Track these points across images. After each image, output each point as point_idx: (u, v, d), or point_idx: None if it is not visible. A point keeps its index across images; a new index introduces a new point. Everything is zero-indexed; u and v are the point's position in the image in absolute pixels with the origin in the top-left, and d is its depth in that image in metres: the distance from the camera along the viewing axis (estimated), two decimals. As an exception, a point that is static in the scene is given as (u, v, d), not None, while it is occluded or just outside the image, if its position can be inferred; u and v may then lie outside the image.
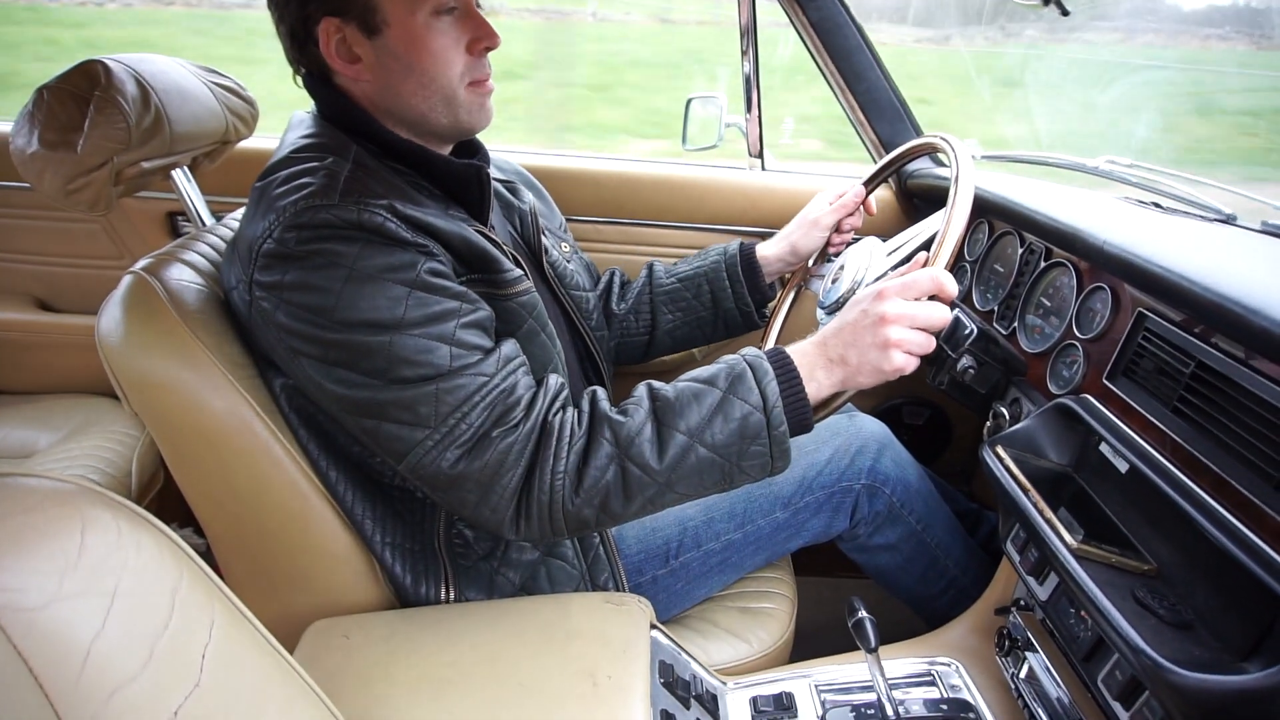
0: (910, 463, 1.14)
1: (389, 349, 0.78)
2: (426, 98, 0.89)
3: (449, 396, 0.79)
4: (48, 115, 0.92)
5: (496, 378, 0.81)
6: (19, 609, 0.35)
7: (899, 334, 0.82)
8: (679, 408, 0.83)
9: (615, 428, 0.82)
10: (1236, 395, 0.71)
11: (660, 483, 0.82)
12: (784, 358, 0.86)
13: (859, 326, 0.84)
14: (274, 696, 0.48)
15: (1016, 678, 0.96)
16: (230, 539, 0.96)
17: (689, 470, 0.82)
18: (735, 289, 1.24)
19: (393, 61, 0.87)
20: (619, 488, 0.81)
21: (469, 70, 0.90)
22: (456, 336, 0.80)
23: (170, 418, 0.89)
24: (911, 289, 0.84)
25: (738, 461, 0.83)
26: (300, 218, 0.79)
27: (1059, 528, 0.78)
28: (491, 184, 0.98)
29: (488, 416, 0.80)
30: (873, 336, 0.83)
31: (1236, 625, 0.66)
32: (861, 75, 1.49)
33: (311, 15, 0.85)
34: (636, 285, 1.31)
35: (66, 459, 1.45)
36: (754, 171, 1.65)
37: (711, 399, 0.83)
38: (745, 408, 0.82)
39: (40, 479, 0.42)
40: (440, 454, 0.80)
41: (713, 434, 0.82)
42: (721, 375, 0.85)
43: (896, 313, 0.82)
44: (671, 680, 0.87)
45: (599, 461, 0.81)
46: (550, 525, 0.83)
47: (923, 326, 0.83)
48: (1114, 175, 1.26)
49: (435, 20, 0.86)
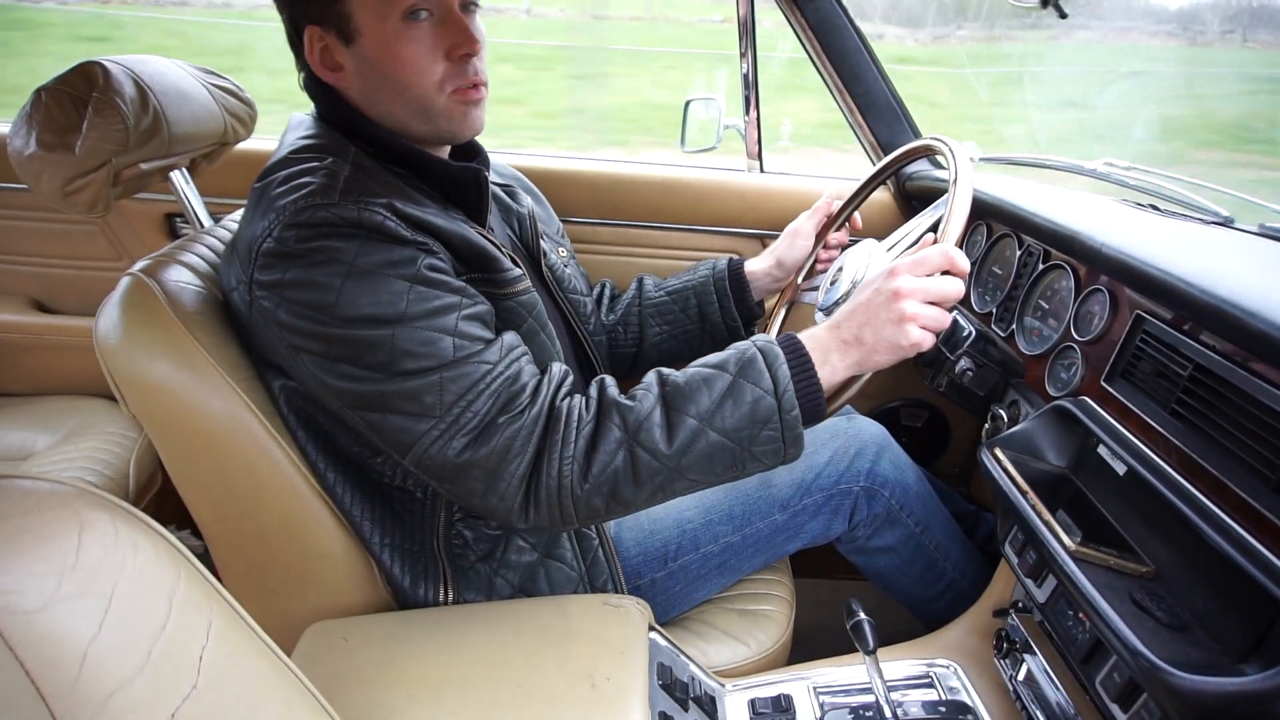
0: (909, 465, 1.14)
1: (391, 342, 0.78)
2: (403, 106, 0.88)
3: (453, 385, 0.79)
4: (46, 117, 0.91)
5: (500, 365, 0.81)
6: (16, 611, 0.35)
7: (914, 308, 0.82)
8: (689, 392, 0.82)
9: (624, 412, 0.82)
10: (1234, 398, 0.71)
11: (670, 468, 0.81)
12: (796, 342, 0.85)
13: (872, 304, 0.84)
14: (272, 699, 0.48)
15: (1015, 680, 0.96)
16: (228, 541, 0.96)
17: (699, 455, 0.81)
18: (723, 304, 1.25)
19: (369, 70, 0.87)
20: (628, 473, 0.81)
21: (450, 78, 0.88)
22: (458, 328, 0.80)
23: (168, 419, 0.89)
24: (923, 265, 0.84)
25: (749, 447, 0.82)
26: (300, 216, 0.79)
27: (1057, 530, 0.78)
28: (489, 187, 0.98)
29: (493, 404, 0.80)
30: (887, 312, 0.82)
31: (1234, 627, 0.66)
32: (859, 77, 1.49)
33: (298, 23, 0.86)
34: (626, 298, 1.31)
35: (64, 461, 1.44)
36: (752, 173, 1.66)
37: (722, 383, 0.82)
38: (756, 391, 0.81)
39: (38, 481, 0.42)
40: (447, 443, 0.79)
41: (723, 418, 0.81)
42: (732, 360, 0.84)
43: (910, 287, 0.82)
44: (670, 682, 0.87)
45: (608, 446, 0.80)
46: (560, 513, 0.82)
47: (936, 300, 0.83)
48: (1112, 178, 1.26)
49: (407, 27, 0.85)
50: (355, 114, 0.89)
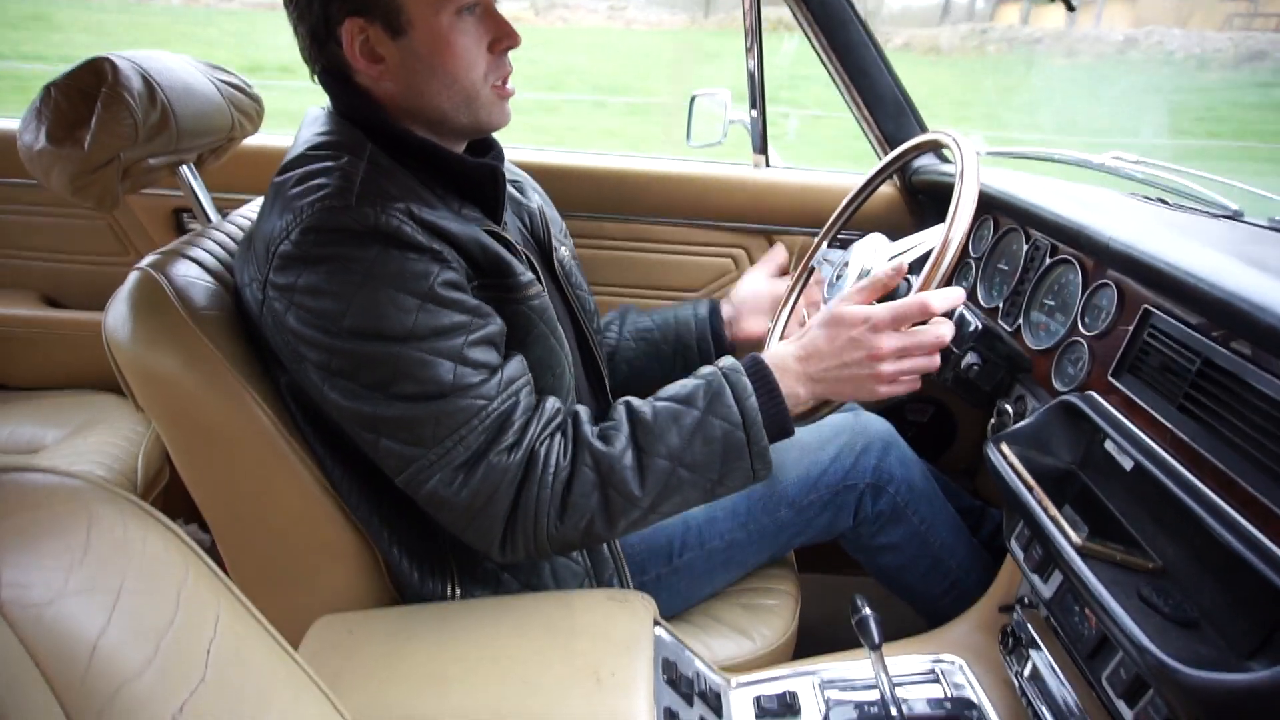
0: (915, 462, 1.14)
1: (394, 361, 0.78)
2: (450, 97, 0.89)
3: (448, 420, 0.80)
4: (55, 112, 0.92)
5: (496, 400, 0.82)
6: (26, 604, 0.35)
7: (891, 368, 0.84)
8: (658, 431, 0.83)
9: (596, 456, 0.83)
10: (1243, 393, 0.71)
11: (644, 507, 0.83)
12: (763, 370, 0.86)
13: (846, 354, 0.85)
14: (278, 692, 0.48)
15: (1020, 676, 0.96)
16: (236, 535, 0.97)
17: (671, 492, 0.84)
18: (701, 346, 1.26)
19: (416, 62, 0.87)
20: (602, 513, 0.83)
21: (492, 70, 0.90)
22: (463, 354, 0.81)
23: (176, 413, 0.89)
24: (903, 319, 0.85)
25: (720, 478, 0.84)
26: (316, 219, 0.79)
27: (1064, 525, 0.78)
28: (506, 182, 0.99)
29: (485, 439, 0.81)
30: (860, 368, 0.85)
31: (1242, 623, 0.66)
32: (866, 71, 1.48)
33: (334, 15, 0.85)
34: (609, 316, 1.32)
35: (73, 455, 1.45)
36: (758, 168, 1.65)
37: (690, 419, 0.83)
38: (725, 426, 0.83)
39: (47, 475, 0.42)
40: (436, 474, 0.81)
41: (693, 455, 0.83)
42: (700, 393, 0.85)
43: (890, 347, 0.84)
44: (675, 677, 0.87)
45: (583, 489, 0.82)
46: (535, 548, 0.84)
47: (921, 351, 0.85)
48: (1120, 171, 1.25)
49: (458, 20, 0.86)
50: (378, 109, 0.89)
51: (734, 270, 1.65)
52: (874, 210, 1.51)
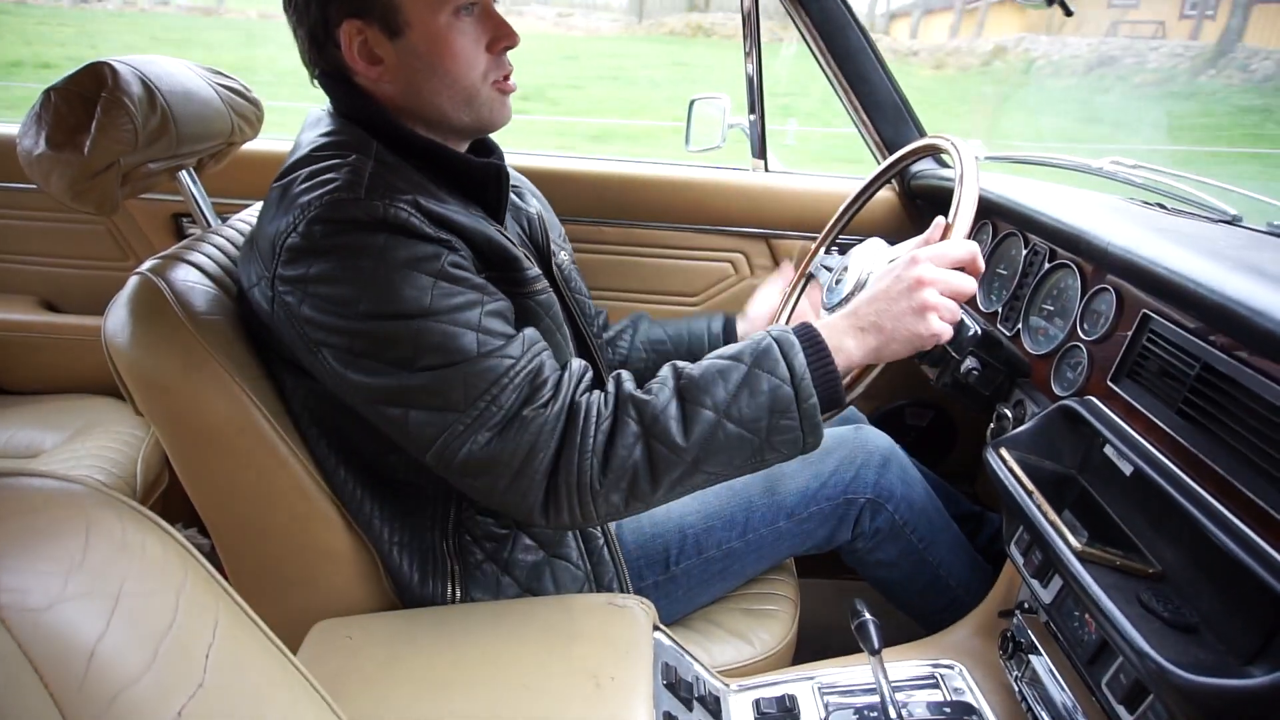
0: (916, 479, 1.13)
1: (416, 337, 0.78)
2: (450, 97, 0.89)
3: (478, 380, 0.79)
4: (55, 117, 0.92)
5: (523, 359, 0.81)
6: (24, 609, 0.35)
7: (935, 298, 0.82)
8: (704, 384, 0.82)
9: (640, 406, 0.82)
10: (1241, 398, 0.71)
11: (688, 460, 0.81)
12: (811, 330, 0.85)
13: (893, 292, 0.84)
14: (277, 697, 0.48)
15: (1020, 680, 0.95)
16: (235, 539, 0.97)
17: (717, 447, 0.81)
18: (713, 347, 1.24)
19: (415, 62, 0.87)
20: (646, 467, 0.81)
21: (492, 69, 0.90)
22: (481, 324, 0.81)
23: (175, 418, 0.89)
24: (945, 257, 0.84)
25: (768, 437, 0.82)
26: (326, 211, 0.79)
27: (1063, 530, 0.78)
28: (509, 183, 0.99)
29: (518, 397, 0.80)
30: (909, 300, 0.82)
31: (1241, 628, 0.66)
32: (864, 76, 1.48)
33: (332, 18, 0.85)
34: (621, 324, 1.30)
35: (72, 459, 1.45)
36: (757, 173, 1.65)
37: (737, 374, 0.82)
38: (773, 380, 0.81)
39: (45, 479, 0.42)
40: (471, 437, 0.79)
41: (740, 409, 0.80)
42: (747, 350, 0.84)
43: (933, 276, 0.82)
44: (674, 681, 0.87)
45: (626, 441, 0.80)
46: (580, 509, 0.82)
47: (954, 294, 0.83)
48: (1118, 176, 1.26)
49: (457, 20, 0.86)
50: (380, 109, 0.89)
51: (733, 274, 1.65)
52: (873, 215, 1.51)
